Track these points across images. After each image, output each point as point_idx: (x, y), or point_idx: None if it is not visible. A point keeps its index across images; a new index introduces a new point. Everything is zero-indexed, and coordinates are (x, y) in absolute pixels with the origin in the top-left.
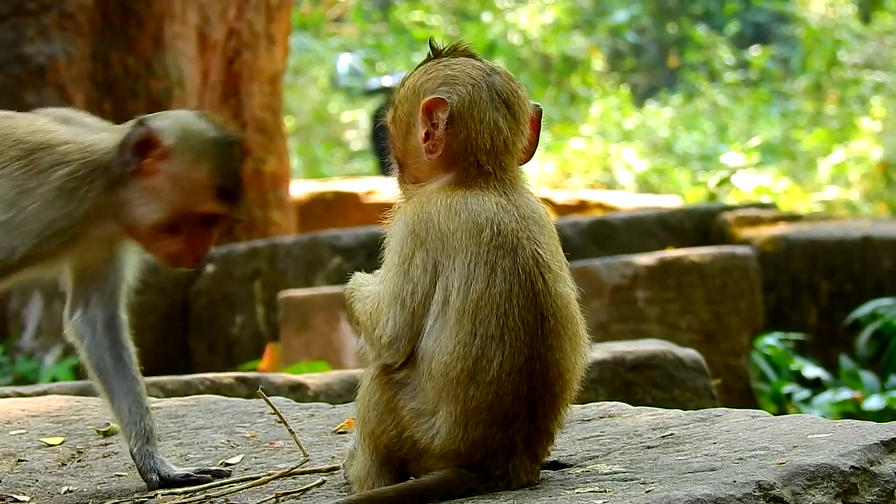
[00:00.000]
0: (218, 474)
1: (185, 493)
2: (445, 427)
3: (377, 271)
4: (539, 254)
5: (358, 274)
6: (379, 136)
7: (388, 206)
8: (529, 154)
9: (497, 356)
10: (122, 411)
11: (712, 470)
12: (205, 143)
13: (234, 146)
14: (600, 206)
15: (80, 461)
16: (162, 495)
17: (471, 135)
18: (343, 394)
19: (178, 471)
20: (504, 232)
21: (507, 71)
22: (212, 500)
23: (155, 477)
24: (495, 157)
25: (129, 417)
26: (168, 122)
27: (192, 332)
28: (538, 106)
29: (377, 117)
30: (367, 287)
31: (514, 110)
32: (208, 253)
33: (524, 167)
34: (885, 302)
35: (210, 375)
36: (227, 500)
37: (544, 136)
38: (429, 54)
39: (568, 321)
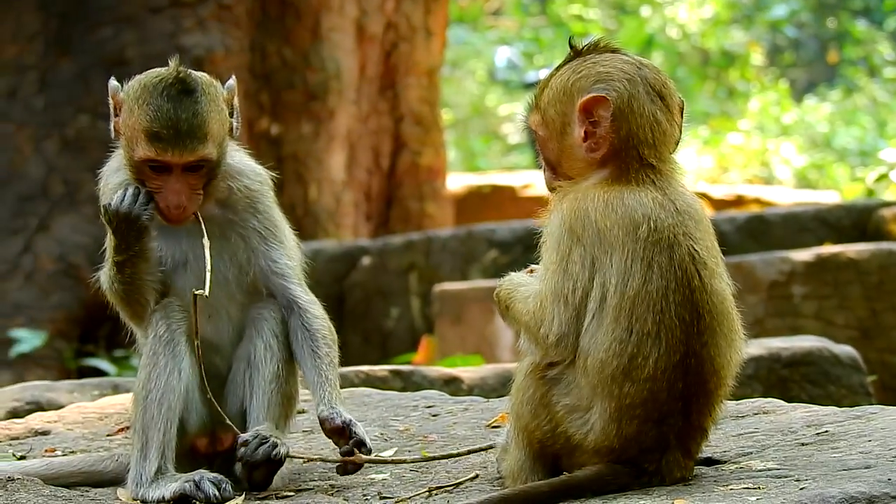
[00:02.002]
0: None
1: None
2: (600, 423)
3: (529, 270)
4: (695, 250)
5: (512, 274)
6: None
7: (544, 200)
8: (677, 145)
9: (653, 353)
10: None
11: (867, 468)
12: (140, 89)
13: (169, 88)
14: (758, 201)
15: None
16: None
17: (632, 129)
18: (497, 388)
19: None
20: (660, 228)
21: (652, 63)
22: (365, 490)
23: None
24: (656, 149)
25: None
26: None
27: (347, 325)
28: (681, 98)
29: None
30: (525, 287)
31: (668, 102)
32: (182, 201)
33: (678, 159)
34: None
35: (364, 368)
36: (379, 493)
37: (702, 131)
38: (570, 53)
39: (723, 317)
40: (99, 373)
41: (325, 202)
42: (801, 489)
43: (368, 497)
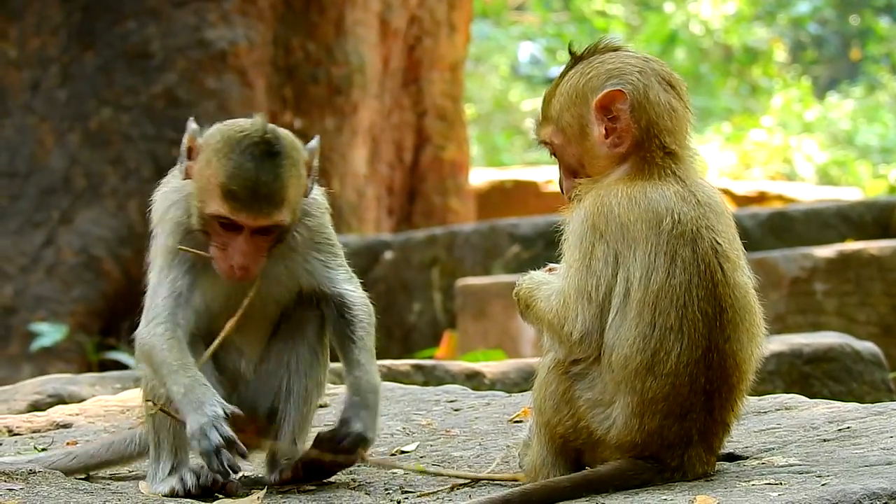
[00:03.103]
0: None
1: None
2: (622, 418)
3: (548, 268)
4: (717, 242)
5: (531, 273)
6: None
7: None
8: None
9: (676, 347)
10: None
11: (889, 464)
12: (222, 141)
13: (253, 147)
14: (780, 197)
15: None
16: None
17: (652, 118)
18: (519, 382)
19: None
20: (683, 221)
21: (655, 57)
22: (387, 484)
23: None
24: (675, 136)
25: None
26: (213, 127)
27: None
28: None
29: None
30: (546, 286)
31: (678, 90)
32: (248, 263)
33: (698, 151)
34: None
35: (387, 362)
36: (401, 487)
37: (725, 128)
38: (570, 60)
39: (746, 311)
40: (120, 366)
41: (347, 196)
42: (823, 485)
43: (390, 491)
